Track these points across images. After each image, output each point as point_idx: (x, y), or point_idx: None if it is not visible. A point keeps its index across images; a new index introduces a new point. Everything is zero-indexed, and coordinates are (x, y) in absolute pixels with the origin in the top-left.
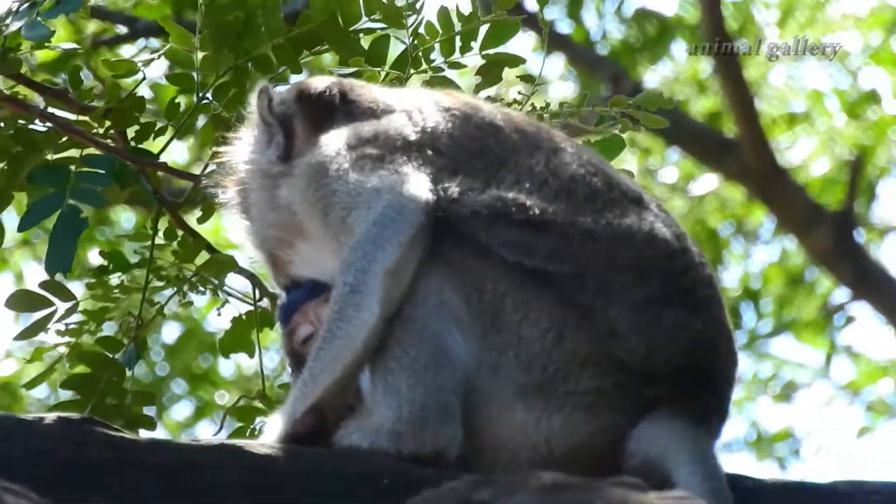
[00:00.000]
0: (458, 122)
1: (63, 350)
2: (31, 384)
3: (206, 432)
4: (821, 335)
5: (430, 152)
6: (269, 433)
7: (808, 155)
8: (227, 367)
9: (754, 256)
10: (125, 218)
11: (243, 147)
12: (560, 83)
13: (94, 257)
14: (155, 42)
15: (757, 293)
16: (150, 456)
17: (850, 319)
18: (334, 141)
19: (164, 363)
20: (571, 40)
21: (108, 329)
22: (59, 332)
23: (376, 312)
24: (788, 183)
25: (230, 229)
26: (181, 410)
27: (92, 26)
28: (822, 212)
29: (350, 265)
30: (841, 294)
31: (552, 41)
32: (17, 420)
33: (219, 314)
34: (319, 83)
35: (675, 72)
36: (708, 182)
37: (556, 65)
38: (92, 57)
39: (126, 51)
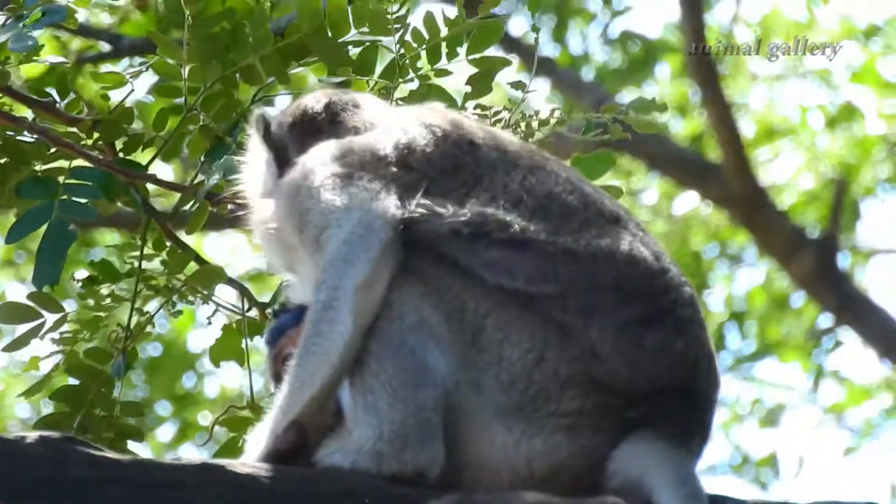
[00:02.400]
0: (434, 139)
1: (59, 359)
2: (29, 393)
3: (190, 453)
4: (805, 358)
5: (399, 169)
6: (251, 451)
7: (791, 173)
8: (211, 387)
9: (739, 279)
10: (111, 240)
11: (249, 170)
12: (546, 106)
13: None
14: (140, 60)
15: (741, 315)
16: (132, 475)
17: (838, 344)
18: (309, 160)
19: (144, 385)
20: (556, 64)
21: (96, 342)
22: (53, 341)
23: (349, 325)
24: (771, 208)
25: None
26: (165, 432)
27: (76, 43)
28: (805, 237)
29: (322, 283)
30: (825, 319)
31: (536, 65)
32: None
33: (209, 323)
34: (314, 105)
35: (659, 95)
36: (689, 202)
37: (541, 88)
38: (76, 74)
39: (110, 69)
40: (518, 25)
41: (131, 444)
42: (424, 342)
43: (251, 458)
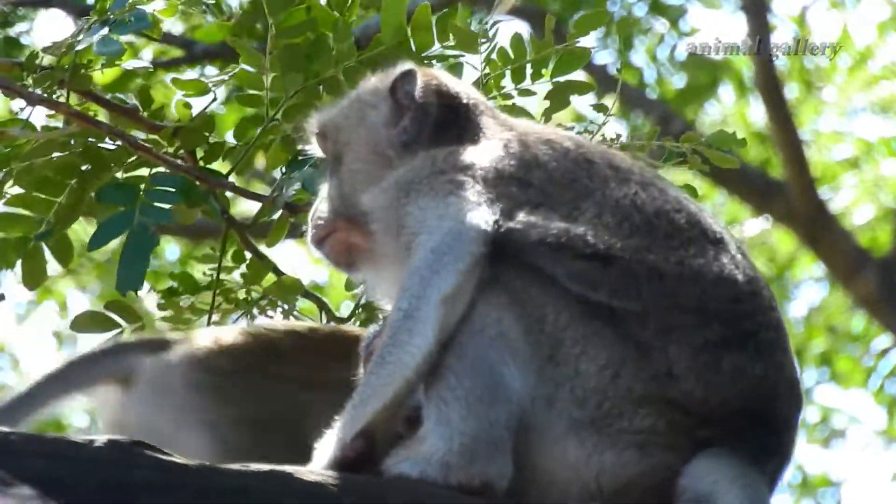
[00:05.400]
0: (553, 155)
1: None
2: None
3: None
4: (864, 382)
5: (508, 183)
6: (319, 458)
7: (852, 201)
8: None
9: (798, 301)
10: (170, 250)
11: (364, 110)
12: (613, 123)
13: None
14: (211, 68)
15: (799, 339)
16: (197, 480)
17: None
18: (424, 163)
19: None
20: (623, 81)
21: None
22: None
23: (430, 339)
24: (835, 227)
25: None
26: None
27: (149, 49)
28: (868, 257)
29: (405, 290)
30: (884, 340)
31: (604, 82)
32: (66, 441)
33: None
34: (455, 86)
35: (723, 114)
36: (755, 226)
37: (608, 104)
38: (149, 79)
39: (191, 76)
40: (589, 40)
41: None
42: (502, 357)
43: (318, 466)
